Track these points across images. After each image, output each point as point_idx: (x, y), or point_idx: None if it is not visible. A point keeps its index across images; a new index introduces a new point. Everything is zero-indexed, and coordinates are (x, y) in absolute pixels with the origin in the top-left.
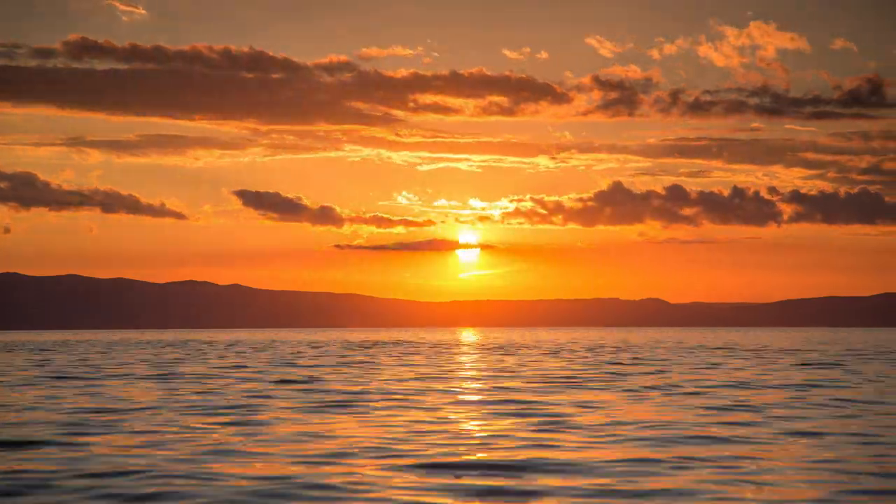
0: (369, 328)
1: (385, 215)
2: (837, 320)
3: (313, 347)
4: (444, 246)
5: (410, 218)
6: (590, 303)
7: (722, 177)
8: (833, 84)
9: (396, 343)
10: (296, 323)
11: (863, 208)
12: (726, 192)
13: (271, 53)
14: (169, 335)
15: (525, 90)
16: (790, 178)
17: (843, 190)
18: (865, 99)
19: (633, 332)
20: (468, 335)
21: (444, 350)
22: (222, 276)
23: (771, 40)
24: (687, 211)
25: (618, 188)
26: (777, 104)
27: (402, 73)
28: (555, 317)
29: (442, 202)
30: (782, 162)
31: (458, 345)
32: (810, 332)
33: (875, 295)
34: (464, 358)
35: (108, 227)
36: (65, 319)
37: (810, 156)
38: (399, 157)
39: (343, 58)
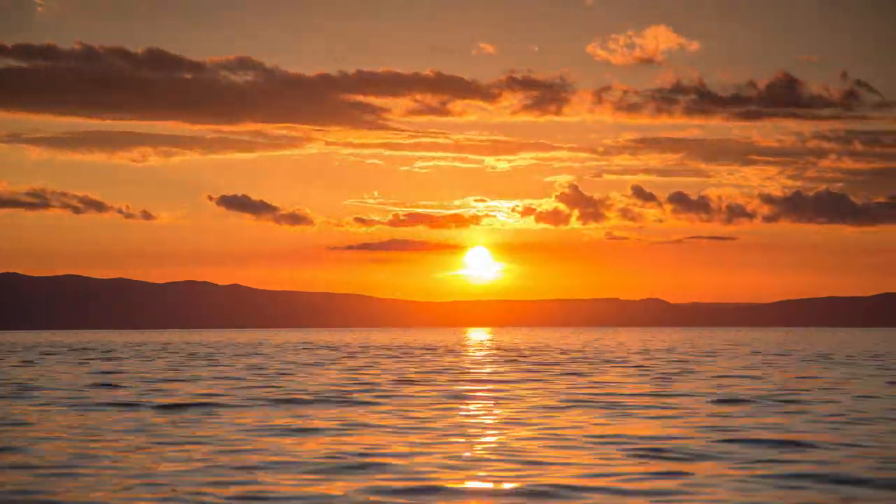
0: (368, 328)
1: (363, 216)
2: (837, 320)
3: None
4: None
5: (386, 218)
6: (589, 303)
7: (686, 178)
8: (746, 82)
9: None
10: (296, 323)
11: (838, 206)
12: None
13: (174, 52)
14: (155, 335)
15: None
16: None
17: (823, 188)
18: (787, 98)
19: (635, 331)
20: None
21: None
22: (222, 276)
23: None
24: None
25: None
26: (706, 103)
27: (315, 72)
28: (554, 317)
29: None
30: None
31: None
32: (830, 332)
33: (875, 295)
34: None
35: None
36: (63, 320)
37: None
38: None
39: (251, 56)
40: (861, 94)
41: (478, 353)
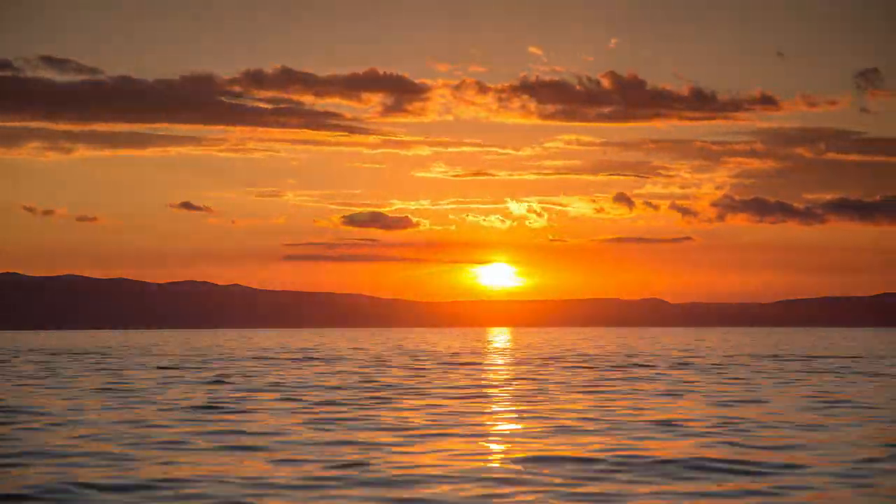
0: (370, 328)
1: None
2: (837, 320)
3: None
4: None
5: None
6: (589, 303)
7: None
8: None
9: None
10: (296, 323)
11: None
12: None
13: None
14: (147, 336)
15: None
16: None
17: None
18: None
19: (635, 331)
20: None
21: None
22: (222, 276)
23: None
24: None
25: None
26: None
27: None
28: (554, 317)
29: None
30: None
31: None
32: (830, 332)
33: (875, 295)
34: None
35: None
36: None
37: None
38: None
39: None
40: None
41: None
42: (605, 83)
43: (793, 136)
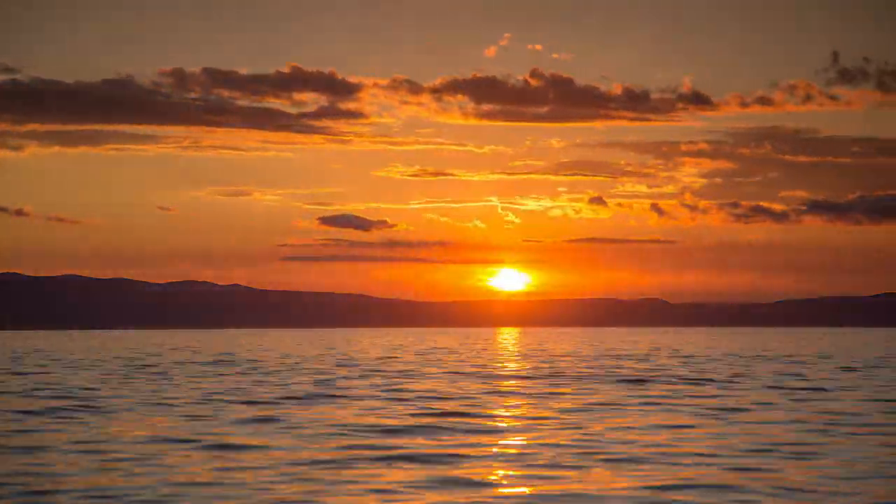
0: (371, 328)
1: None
2: (837, 320)
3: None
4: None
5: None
6: (588, 303)
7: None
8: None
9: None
10: (296, 323)
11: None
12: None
13: None
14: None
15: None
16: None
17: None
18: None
19: (634, 332)
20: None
21: None
22: (222, 276)
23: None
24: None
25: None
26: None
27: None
28: (553, 317)
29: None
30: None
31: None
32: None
33: (875, 295)
34: None
35: None
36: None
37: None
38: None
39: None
40: None
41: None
42: (535, 82)
43: (744, 136)
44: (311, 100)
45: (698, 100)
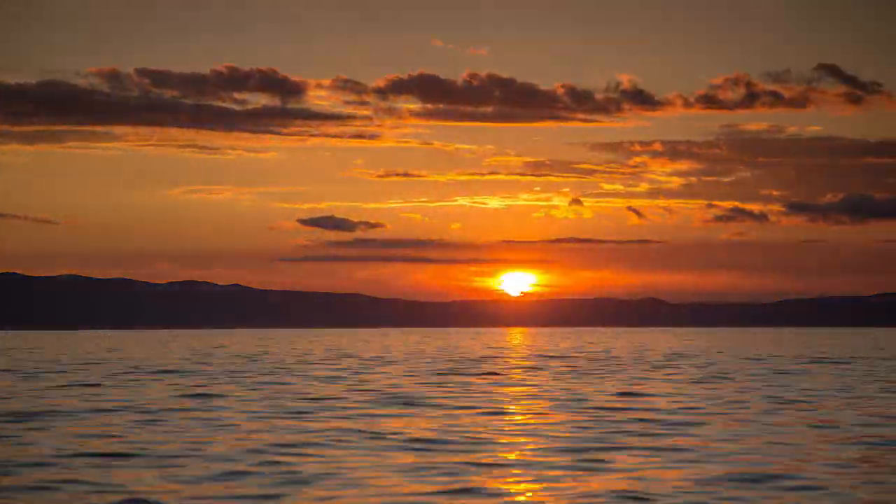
0: (371, 328)
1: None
2: (836, 320)
3: None
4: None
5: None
6: (588, 302)
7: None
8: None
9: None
10: (296, 323)
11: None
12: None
13: None
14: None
15: None
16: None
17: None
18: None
19: (633, 332)
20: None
21: None
22: (222, 276)
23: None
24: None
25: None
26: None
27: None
28: (552, 316)
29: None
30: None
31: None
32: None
33: (874, 294)
34: None
35: None
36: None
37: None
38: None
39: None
40: None
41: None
42: (478, 82)
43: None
44: (256, 99)
45: (642, 98)
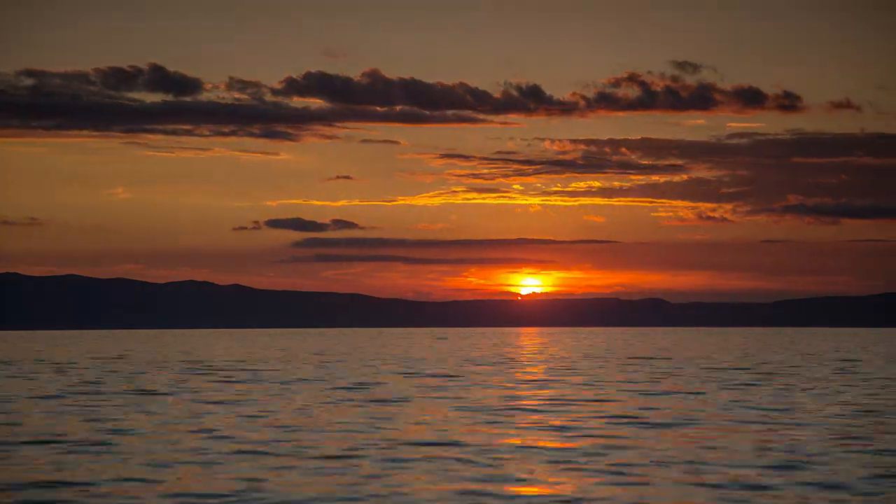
0: (371, 328)
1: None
2: (837, 320)
3: None
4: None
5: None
6: (587, 302)
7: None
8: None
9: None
10: (297, 323)
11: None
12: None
13: None
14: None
15: None
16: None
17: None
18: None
19: (634, 332)
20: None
21: None
22: (222, 277)
23: None
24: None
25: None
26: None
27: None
28: (551, 316)
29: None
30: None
31: None
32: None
33: (875, 294)
34: None
35: None
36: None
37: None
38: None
39: None
40: None
41: None
42: (380, 83)
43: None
44: (156, 97)
45: (539, 97)
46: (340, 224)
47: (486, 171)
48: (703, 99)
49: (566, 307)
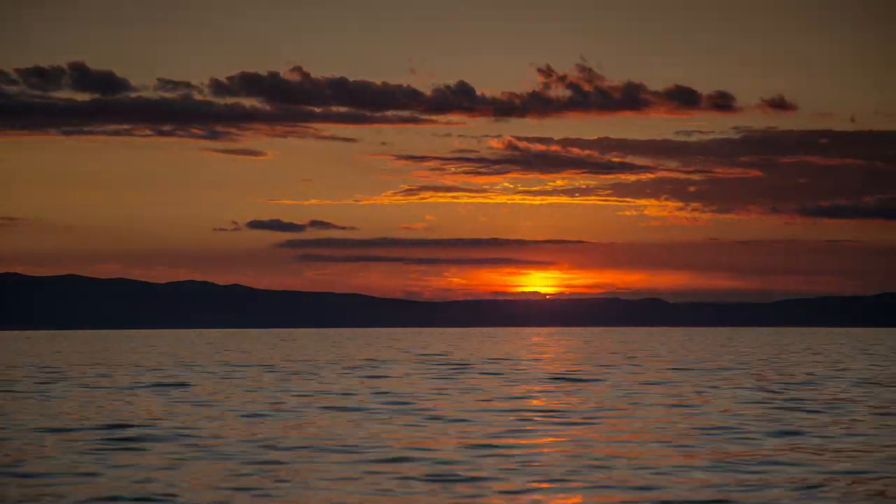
0: (370, 328)
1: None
2: (837, 320)
3: None
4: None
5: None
6: (587, 302)
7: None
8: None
9: None
10: (297, 323)
11: None
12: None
13: None
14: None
15: None
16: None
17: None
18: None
19: (633, 331)
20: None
21: None
22: (222, 277)
23: None
24: None
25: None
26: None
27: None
28: (551, 316)
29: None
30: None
31: None
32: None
33: (875, 295)
34: None
35: None
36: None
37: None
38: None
39: None
40: None
41: None
42: (309, 83)
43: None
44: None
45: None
46: (318, 224)
47: (451, 169)
48: (634, 100)
49: (564, 307)
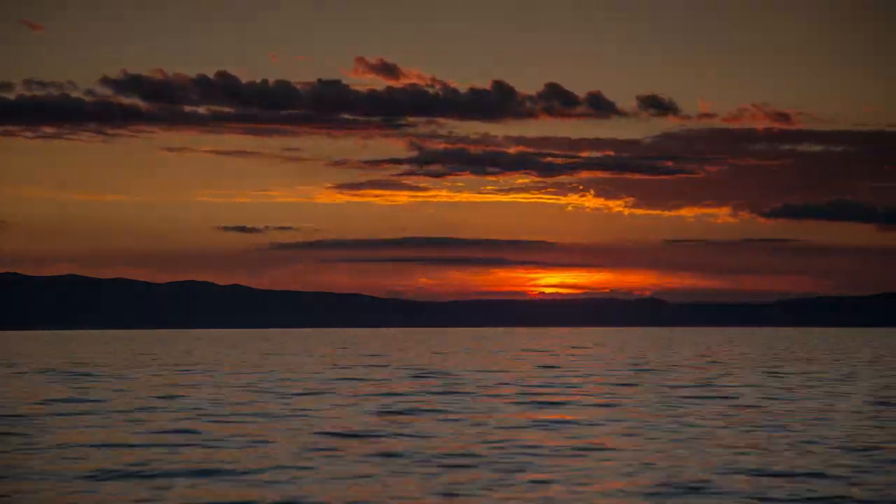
0: (370, 328)
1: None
2: (837, 320)
3: None
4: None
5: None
6: (587, 302)
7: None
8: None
9: None
10: (298, 323)
11: None
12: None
13: None
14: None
15: None
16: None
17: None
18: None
19: (632, 332)
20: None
21: None
22: (222, 277)
23: None
24: None
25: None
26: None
27: None
28: (551, 316)
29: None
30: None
31: None
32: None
33: (875, 295)
34: None
35: None
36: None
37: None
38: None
39: None
40: None
41: None
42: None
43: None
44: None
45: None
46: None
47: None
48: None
49: (565, 307)
